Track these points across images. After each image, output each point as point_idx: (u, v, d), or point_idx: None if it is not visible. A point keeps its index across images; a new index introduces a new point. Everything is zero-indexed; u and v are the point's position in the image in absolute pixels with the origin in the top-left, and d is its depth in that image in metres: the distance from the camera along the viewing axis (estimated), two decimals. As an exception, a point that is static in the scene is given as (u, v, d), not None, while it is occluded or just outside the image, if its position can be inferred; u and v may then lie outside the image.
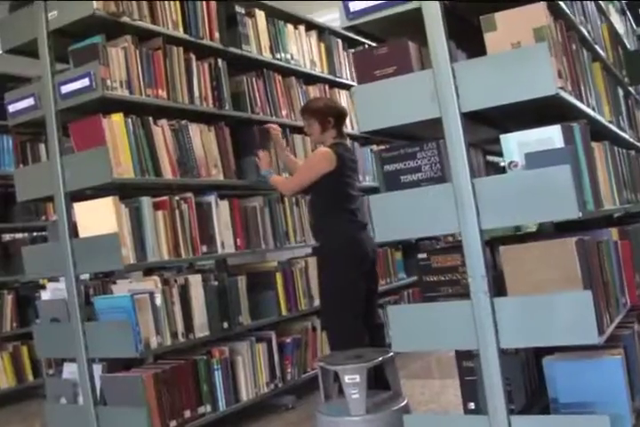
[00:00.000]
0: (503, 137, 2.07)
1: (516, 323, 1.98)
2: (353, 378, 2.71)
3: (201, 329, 3.15)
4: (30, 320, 4.58)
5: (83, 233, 2.96)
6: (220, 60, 3.60)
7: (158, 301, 2.94)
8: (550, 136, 2.02)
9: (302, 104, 4.22)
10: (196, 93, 3.41)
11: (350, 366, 2.70)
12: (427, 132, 2.41)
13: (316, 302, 4.00)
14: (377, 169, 2.42)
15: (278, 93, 4.09)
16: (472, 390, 2.28)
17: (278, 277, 3.74)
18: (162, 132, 3.17)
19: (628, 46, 4.16)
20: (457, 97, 2.06)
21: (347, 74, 4.88)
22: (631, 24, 4.75)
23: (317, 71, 4.53)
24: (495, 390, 2.01)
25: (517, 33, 2.05)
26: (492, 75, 2.02)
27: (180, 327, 3.04)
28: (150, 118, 3.11)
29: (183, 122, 3.30)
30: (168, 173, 3.16)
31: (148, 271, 4.12)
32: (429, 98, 2.12)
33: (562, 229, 2.70)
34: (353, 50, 5.05)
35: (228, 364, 3.27)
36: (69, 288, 2.95)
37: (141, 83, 3.10)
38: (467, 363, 2.34)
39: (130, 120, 3.01)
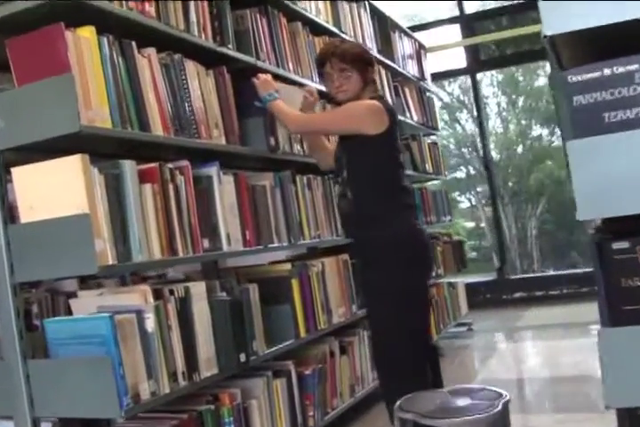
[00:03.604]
0: None
1: None
2: (469, 439, 1.77)
3: (208, 365, 2.08)
4: None
5: (26, 217, 1.85)
6: (219, -19, 2.56)
7: (150, 324, 1.85)
8: None
9: (309, 57, 3.26)
10: (193, 19, 2.35)
11: (464, 418, 1.76)
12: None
13: (335, 320, 3.00)
14: (561, 103, 1.46)
15: (284, 39, 3.07)
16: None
17: (294, 285, 2.71)
18: (149, 64, 2.10)
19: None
20: None
21: (350, 30, 3.91)
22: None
23: (322, 20, 3.53)
24: None
25: None
26: None
27: (181, 365, 1.97)
28: (133, 43, 2.04)
29: (177, 56, 2.24)
30: (158, 128, 2.09)
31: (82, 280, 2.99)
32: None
33: None
34: (356, 4, 4.10)
35: (240, 412, 2.22)
36: (3, 304, 1.83)
37: (120, -11, 2.03)
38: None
39: (105, 40, 1.93)
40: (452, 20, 7.32)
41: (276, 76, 2.83)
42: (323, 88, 3.31)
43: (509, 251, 9.59)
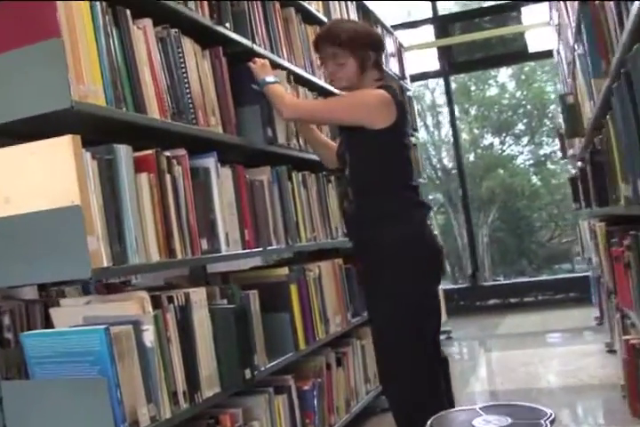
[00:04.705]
0: None
1: None
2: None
3: (209, 383, 1.81)
4: None
5: (1, 211, 1.56)
6: (214, -47, 2.30)
7: (149, 337, 1.58)
8: None
9: (302, 45, 3.03)
10: (190, -9, 2.09)
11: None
12: None
13: (332, 329, 2.76)
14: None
15: (278, 25, 2.82)
16: None
17: (293, 291, 2.45)
18: (144, 37, 1.83)
19: None
20: None
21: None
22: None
23: (313, 8, 3.30)
24: None
25: None
26: None
27: (181, 384, 1.69)
28: (128, 11, 1.77)
29: (173, 31, 1.97)
30: (154, 110, 1.82)
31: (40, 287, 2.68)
32: None
33: None
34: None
35: (242, 436, 1.96)
36: (-30, 314, 1.54)
37: (113, -50, 1.75)
38: None
39: (98, 6, 1.65)
40: (424, 22, 7.19)
41: (271, 63, 2.58)
42: (316, 80, 3.10)
43: (462, 259, 9.60)
